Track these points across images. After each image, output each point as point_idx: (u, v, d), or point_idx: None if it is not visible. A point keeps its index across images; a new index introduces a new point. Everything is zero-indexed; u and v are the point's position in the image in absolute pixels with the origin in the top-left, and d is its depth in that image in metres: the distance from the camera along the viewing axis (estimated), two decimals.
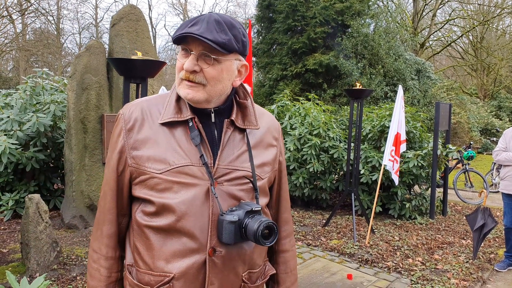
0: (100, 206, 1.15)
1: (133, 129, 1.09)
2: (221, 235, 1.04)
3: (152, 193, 1.06)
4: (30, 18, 21.90)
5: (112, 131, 1.14)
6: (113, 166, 1.11)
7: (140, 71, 2.50)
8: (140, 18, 5.40)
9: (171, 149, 1.06)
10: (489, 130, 17.45)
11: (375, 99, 11.79)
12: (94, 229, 1.17)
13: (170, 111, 1.09)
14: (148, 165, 1.06)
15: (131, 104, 1.15)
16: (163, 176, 1.04)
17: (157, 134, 1.07)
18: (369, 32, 12.31)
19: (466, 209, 6.99)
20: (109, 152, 1.13)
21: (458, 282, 3.74)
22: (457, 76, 27.45)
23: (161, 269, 1.05)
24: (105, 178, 1.14)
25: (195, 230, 1.04)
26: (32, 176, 5.61)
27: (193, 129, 1.08)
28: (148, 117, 1.10)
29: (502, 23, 25.44)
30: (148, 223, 1.07)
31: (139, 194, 1.09)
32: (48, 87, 6.01)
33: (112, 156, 1.11)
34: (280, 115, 6.73)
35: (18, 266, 3.59)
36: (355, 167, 5.21)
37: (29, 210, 3.38)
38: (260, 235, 1.01)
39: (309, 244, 4.74)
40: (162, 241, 1.06)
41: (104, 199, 1.13)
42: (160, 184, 1.05)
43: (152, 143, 1.07)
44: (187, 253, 1.05)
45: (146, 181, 1.07)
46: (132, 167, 1.08)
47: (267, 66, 13.58)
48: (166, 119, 1.08)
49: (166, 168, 1.05)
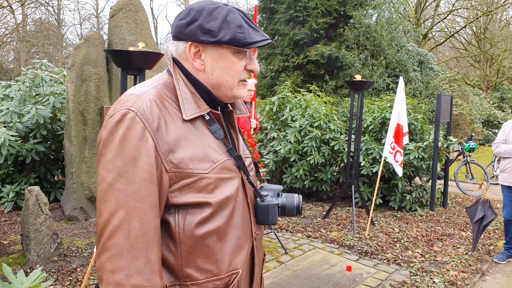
0: (135, 229, 0.89)
1: (159, 128, 0.95)
2: (267, 219, 1.13)
3: (204, 195, 0.99)
4: (30, 8, 21.81)
5: (120, 135, 0.92)
6: (147, 177, 0.91)
7: (138, 63, 2.48)
8: (139, 9, 5.35)
9: (206, 146, 1.02)
10: (491, 121, 17.37)
11: (377, 90, 11.73)
12: (126, 261, 0.89)
13: (192, 105, 1.02)
14: (192, 166, 0.97)
15: (140, 98, 0.97)
16: (212, 175, 1.00)
17: (184, 131, 0.99)
18: (371, 23, 12.20)
19: (466, 201, 6.98)
20: (123, 161, 0.90)
21: (457, 274, 3.75)
22: (460, 67, 27.26)
23: (228, 270, 1.04)
24: (134, 194, 0.90)
25: (243, 220, 1.08)
26: (33, 168, 5.62)
27: (211, 122, 1.05)
28: (166, 112, 0.98)
29: (506, 14, 25.18)
30: (207, 229, 0.99)
31: (184, 200, 0.97)
32: (48, 79, 5.99)
33: (138, 166, 0.91)
34: (281, 107, 6.70)
35: (18, 258, 3.61)
36: (355, 159, 5.20)
37: (28, 202, 3.39)
38: (301, 207, 1.18)
39: (309, 236, 4.76)
40: (221, 242, 1.02)
41: (142, 219, 0.90)
42: (211, 183, 0.99)
43: (185, 141, 0.98)
44: (242, 245, 1.08)
45: (192, 184, 0.97)
46: (172, 172, 0.95)
47: (268, 57, 13.51)
48: (192, 114, 1.01)
49: (212, 166, 1.00)
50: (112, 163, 0.91)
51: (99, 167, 0.95)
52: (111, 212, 0.90)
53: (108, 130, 0.94)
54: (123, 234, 0.89)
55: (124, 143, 0.91)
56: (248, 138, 4.10)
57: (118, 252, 0.89)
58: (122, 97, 1.00)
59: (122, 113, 0.94)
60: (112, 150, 0.92)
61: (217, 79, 1.04)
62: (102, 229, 0.92)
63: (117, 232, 0.89)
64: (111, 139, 0.92)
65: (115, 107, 0.98)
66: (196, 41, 1.01)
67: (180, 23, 1.03)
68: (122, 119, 0.93)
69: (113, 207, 0.90)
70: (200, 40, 1.00)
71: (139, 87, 1.03)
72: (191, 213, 0.98)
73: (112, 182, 0.91)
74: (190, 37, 1.01)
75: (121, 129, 0.92)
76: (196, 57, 1.03)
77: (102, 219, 0.92)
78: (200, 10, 1.01)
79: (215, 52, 1.02)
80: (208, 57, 1.03)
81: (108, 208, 0.91)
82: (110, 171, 0.91)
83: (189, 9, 1.03)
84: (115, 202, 0.90)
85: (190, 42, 1.02)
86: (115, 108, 0.97)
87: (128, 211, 0.90)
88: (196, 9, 1.02)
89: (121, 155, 0.91)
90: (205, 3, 1.03)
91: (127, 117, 0.93)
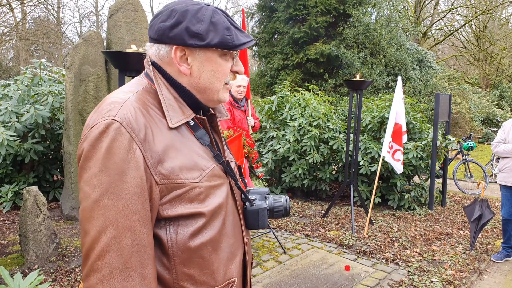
0: (127, 247, 0.84)
1: (147, 138, 0.89)
2: (257, 223, 1.12)
3: (196, 205, 0.95)
4: (29, 6, 21.75)
5: (105, 148, 0.85)
6: (137, 191, 0.86)
7: (135, 64, 2.48)
8: (138, 8, 5.34)
9: (194, 153, 0.98)
10: (491, 120, 17.38)
11: (376, 89, 11.72)
12: (120, 281, 0.84)
13: (176, 111, 0.98)
14: (183, 176, 0.93)
15: (124, 107, 0.91)
16: (202, 183, 0.97)
17: (171, 139, 0.95)
18: (370, 21, 12.18)
19: (465, 199, 6.99)
20: (109, 176, 0.85)
21: (454, 273, 3.76)
22: (459, 65, 27.26)
23: (224, 279, 1.02)
24: (124, 210, 0.85)
25: (234, 227, 1.06)
26: (31, 167, 5.62)
27: (196, 128, 1.02)
28: (152, 120, 0.93)
29: (505, 12, 25.17)
30: (201, 240, 0.96)
31: (176, 212, 0.93)
32: (46, 78, 5.99)
33: (127, 180, 0.85)
34: (280, 106, 6.70)
35: (17, 258, 3.62)
36: (354, 158, 5.20)
37: (27, 203, 3.39)
38: (289, 208, 1.18)
39: (308, 235, 4.76)
40: (215, 252, 1.00)
41: (134, 236, 0.85)
42: (202, 192, 0.96)
43: (173, 150, 0.94)
44: (235, 252, 1.06)
45: (183, 195, 0.94)
46: (163, 184, 0.91)
47: (268, 56, 13.49)
48: (178, 121, 0.97)
49: (202, 174, 0.97)
50: (98, 178, 0.84)
51: (81, 182, 0.87)
52: (99, 231, 0.83)
53: (90, 142, 0.87)
54: (114, 253, 0.83)
55: (110, 156, 0.85)
56: (247, 138, 4.10)
57: (111, 272, 0.83)
58: (103, 105, 0.93)
59: (106, 123, 0.87)
60: (97, 164, 0.85)
61: (204, 83, 1.01)
62: (89, 249, 0.85)
63: (108, 252, 0.83)
64: (94, 152, 0.86)
65: (95, 117, 0.90)
66: (183, 45, 0.96)
67: (162, 25, 0.96)
68: (105, 130, 0.86)
69: (101, 225, 0.83)
70: (187, 44, 0.96)
71: (120, 94, 0.96)
72: (183, 225, 0.94)
73: (98, 198, 0.84)
74: (175, 41, 0.96)
75: (105, 141, 0.86)
76: (182, 61, 0.99)
77: (89, 238, 0.84)
78: (184, 12, 0.96)
79: (203, 55, 0.99)
80: (195, 61, 0.99)
81: (95, 226, 0.84)
82: (95, 186, 0.84)
83: (171, 9, 0.97)
84: (103, 220, 0.83)
85: (175, 46, 0.97)
86: (96, 118, 0.89)
87: (118, 229, 0.84)
88: (179, 11, 0.96)
89: (107, 169, 0.84)
90: (187, 3, 0.98)
91: (111, 128, 0.86)
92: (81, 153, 0.89)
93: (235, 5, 38.91)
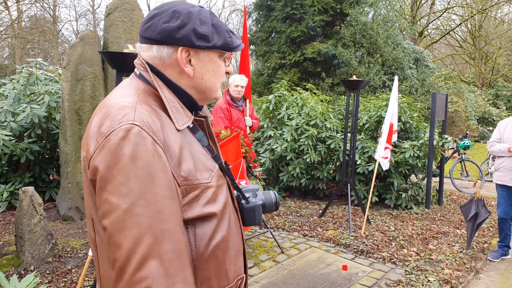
0: (167, 252, 0.81)
1: (165, 141, 0.89)
2: (253, 220, 1.16)
3: (209, 205, 0.95)
4: (25, 5, 21.59)
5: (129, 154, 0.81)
6: (168, 195, 0.84)
7: (133, 64, 2.47)
8: (135, 8, 5.32)
9: (200, 154, 0.99)
10: (486, 118, 17.46)
11: (373, 88, 11.75)
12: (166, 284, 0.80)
13: (181, 114, 0.97)
14: (199, 176, 0.94)
15: (138, 110, 0.88)
16: (213, 183, 0.98)
17: (181, 141, 0.94)
18: (367, 20, 12.20)
19: (461, 198, 7.02)
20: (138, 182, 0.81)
21: (451, 272, 3.78)
22: (455, 64, 27.35)
23: (234, 277, 1.04)
24: (159, 215, 0.82)
25: (236, 225, 1.07)
26: (27, 167, 5.59)
27: (195, 129, 1.03)
28: (163, 122, 0.92)
29: (500, 12, 25.26)
30: (216, 240, 0.97)
31: (193, 214, 0.92)
32: (43, 77, 5.95)
33: (157, 184, 0.83)
34: (277, 105, 6.70)
35: (13, 259, 3.59)
36: (351, 158, 5.21)
37: (23, 203, 3.37)
38: (279, 202, 1.24)
39: (305, 234, 4.77)
40: (226, 252, 1.00)
41: (172, 239, 0.83)
42: (214, 192, 0.97)
43: (186, 151, 0.94)
44: (240, 249, 1.08)
45: (199, 195, 0.94)
46: (183, 186, 0.91)
47: (265, 55, 13.49)
48: (184, 123, 0.97)
49: (211, 174, 0.98)
50: (126, 186, 0.80)
51: (104, 194, 0.82)
52: (135, 241, 0.79)
53: (110, 151, 0.82)
54: (155, 261, 0.79)
55: (136, 161, 0.81)
56: (244, 138, 4.09)
57: (154, 281, 0.79)
58: (113, 110, 0.88)
59: (125, 128, 0.83)
60: (122, 172, 0.80)
61: (206, 83, 1.03)
62: (124, 263, 0.79)
63: (148, 261, 0.79)
64: (117, 160, 0.81)
65: (110, 123, 0.85)
66: (191, 46, 0.96)
67: (167, 26, 0.95)
68: (126, 136, 0.82)
69: (136, 234, 0.79)
70: (195, 46, 0.96)
71: (125, 98, 0.92)
72: (200, 227, 0.94)
73: (129, 207, 0.80)
74: (182, 42, 0.95)
75: (128, 146, 0.82)
76: (186, 62, 0.99)
77: (124, 251, 0.79)
78: (188, 13, 0.96)
79: (206, 56, 1.00)
80: (199, 62, 1.00)
81: (129, 237, 0.79)
82: (125, 195, 0.80)
83: (172, 10, 0.96)
84: (138, 229, 0.79)
85: (181, 47, 0.96)
86: (112, 125, 0.85)
87: (155, 235, 0.80)
88: (183, 12, 0.96)
89: (135, 176, 0.81)
90: (185, 5, 0.99)
91: (132, 133, 0.83)
92: (97, 164, 0.83)
93: (232, 3, 38.84)
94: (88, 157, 0.87)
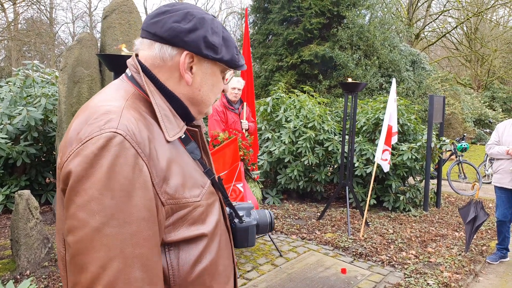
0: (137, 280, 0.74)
1: (151, 153, 0.79)
2: (246, 241, 1.05)
3: (198, 226, 0.87)
4: (22, 7, 21.52)
5: (107, 166, 0.73)
6: (145, 216, 0.75)
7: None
8: (133, 10, 5.30)
9: (191, 168, 0.90)
10: (483, 120, 17.54)
11: (370, 90, 11.77)
12: None
13: (172, 123, 0.89)
14: (187, 194, 0.85)
15: (124, 116, 0.79)
16: (203, 201, 0.89)
17: (171, 153, 0.85)
18: (364, 23, 12.23)
19: (459, 200, 7.03)
20: (113, 199, 0.73)
21: (450, 275, 3.76)
22: (451, 66, 27.49)
23: None
24: (132, 238, 0.73)
25: (226, 247, 0.98)
26: (23, 170, 5.55)
27: (187, 141, 0.94)
28: (151, 132, 0.83)
29: (495, 14, 25.44)
30: (204, 264, 0.88)
31: (179, 236, 0.84)
32: (39, 80, 5.91)
33: (134, 203, 0.74)
34: (275, 108, 6.69)
35: (8, 263, 3.55)
36: (349, 160, 5.20)
37: (19, 207, 3.33)
38: (274, 223, 1.14)
39: (304, 237, 4.75)
40: (214, 277, 0.92)
41: (145, 266, 0.75)
42: (203, 212, 0.89)
43: (175, 166, 0.85)
44: (229, 274, 0.99)
45: (187, 215, 0.85)
46: (168, 205, 0.81)
47: (262, 57, 13.49)
48: (175, 134, 0.88)
49: (202, 191, 0.90)
50: (98, 202, 0.71)
51: (72, 207, 0.73)
52: (102, 265, 0.71)
53: (85, 159, 0.73)
54: (129, 283, 0.72)
55: (113, 175, 0.73)
56: (243, 141, 4.07)
57: None
58: (95, 114, 0.79)
59: (106, 137, 0.74)
60: (96, 185, 0.72)
61: (202, 96, 0.95)
62: None
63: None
64: (91, 172, 0.72)
65: (90, 128, 0.77)
66: (197, 53, 0.89)
67: (177, 26, 0.88)
68: (106, 145, 0.74)
69: (105, 257, 0.71)
70: (202, 54, 0.89)
71: (111, 102, 0.83)
72: (184, 250, 0.85)
73: (99, 226, 0.71)
74: (189, 47, 0.88)
75: (106, 158, 0.73)
76: (187, 68, 0.91)
77: (88, 275, 0.71)
78: (201, 19, 0.90)
79: (209, 68, 0.94)
80: (200, 72, 0.93)
81: (96, 260, 0.71)
82: (95, 212, 0.71)
83: (185, 12, 0.90)
84: (106, 251, 0.71)
85: (186, 51, 0.89)
86: (92, 131, 0.76)
87: (125, 260, 0.72)
88: (196, 16, 0.90)
89: (109, 191, 0.72)
90: (199, 10, 0.92)
91: (113, 142, 0.74)
92: (69, 171, 0.74)
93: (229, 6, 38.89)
94: (61, 164, 0.78)
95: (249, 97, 4.89)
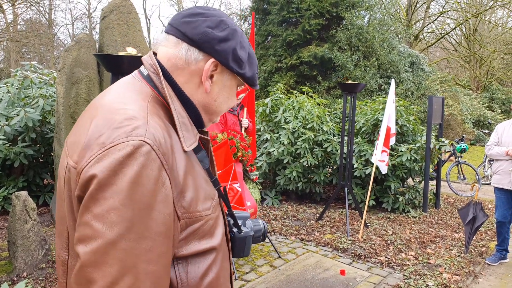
0: None
1: (173, 165, 0.77)
2: (242, 251, 1.03)
3: (208, 240, 0.85)
4: (21, 8, 21.50)
5: (132, 176, 0.69)
6: (162, 231, 0.72)
7: (128, 68, 2.43)
8: (131, 11, 5.28)
9: (202, 179, 0.87)
10: (482, 121, 17.55)
11: (369, 91, 11.77)
12: None
13: (190, 132, 0.86)
14: (200, 207, 0.82)
15: (150, 124, 0.76)
16: (213, 214, 0.87)
17: (186, 164, 0.82)
18: (363, 24, 12.24)
19: (458, 201, 7.02)
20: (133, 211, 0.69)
21: (450, 277, 3.75)
22: (450, 68, 27.53)
23: None
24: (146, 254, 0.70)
25: (225, 258, 0.96)
26: (21, 171, 5.52)
27: (198, 149, 0.91)
28: (173, 142, 0.80)
29: (494, 16, 25.49)
30: (210, 277, 0.86)
31: (190, 250, 0.82)
32: (37, 81, 5.90)
33: (153, 217, 0.71)
34: (274, 109, 6.68)
35: (5, 265, 3.53)
36: (348, 161, 5.19)
37: (16, 208, 3.31)
38: (267, 232, 1.13)
39: (303, 239, 4.73)
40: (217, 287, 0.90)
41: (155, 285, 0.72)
42: (213, 224, 0.87)
43: (190, 178, 0.82)
44: (227, 284, 0.97)
45: (198, 229, 0.82)
46: (183, 219, 0.79)
47: (261, 58, 13.49)
48: (192, 144, 0.85)
49: (212, 203, 0.87)
50: (117, 213, 0.68)
51: (87, 215, 0.69)
52: (113, 281, 0.67)
53: (110, 166, 0.69)
54: None
55: (137, 186, 0.69)
56: (241, 141, 4.06)
57: None
58: (117, 117, 0.75)
59: (134, 145, 0.71)
60: (118, 195, 0.68)
61: (216, 106, 0.94)
62: None
63: None
64: (115, 180, 0.68)
65: (116, 134, 0.72)
66: (223, 63, 0.88)
67: (211, 32, 0.86)
68: (133, 154, 0.70)
69: (117, 272, 0.67)
70: (228, 65, 0.88)
71: (130, 104, 0.79)
72: (193, 263, 0.82)
73: (116, 239, 0.67)
74: (218, 55, 0.87)
75: (132, 167, 0.69)
76: (209, 76, 0.89)
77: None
78: (234, 30, 0.89)
79: (229, 80, 0.93)
80: (220, 82, 0.91)
81: (108, 275, 0.67)
82: (113, 224, 0.67)
83: (220, 19, 0.88)
84: (120, 266, 0.67)
85: (213, 59, 0.87)
86: (118, 137, 0.72)
87: (137, 277, 0.68)
88: (230, 26, 0.89)
89: (132, 202, 0.68)
90: (232, 21, 0.92)
91: (140, 152, 0.71)
92: (90, 178, 0.70)
93: (228, 7, 38.93)
94: (79, 169, 0.73)
95: (249, 99, 4.89)
